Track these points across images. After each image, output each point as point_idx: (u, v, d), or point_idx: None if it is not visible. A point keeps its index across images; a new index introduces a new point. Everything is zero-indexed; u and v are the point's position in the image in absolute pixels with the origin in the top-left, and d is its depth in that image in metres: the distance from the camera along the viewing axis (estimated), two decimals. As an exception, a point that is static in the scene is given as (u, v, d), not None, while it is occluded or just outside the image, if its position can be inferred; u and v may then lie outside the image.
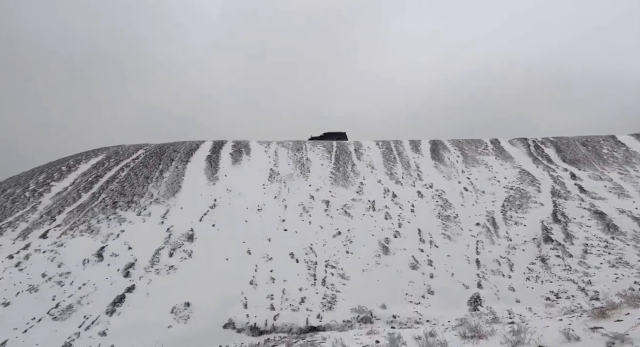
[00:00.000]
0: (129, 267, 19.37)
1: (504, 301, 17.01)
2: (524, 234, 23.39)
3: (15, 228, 22.68)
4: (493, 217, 25.73)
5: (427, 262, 20.59)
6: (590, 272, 18.69)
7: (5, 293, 16.70)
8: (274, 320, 16.58)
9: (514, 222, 24.74)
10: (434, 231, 23.68)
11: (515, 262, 20.79)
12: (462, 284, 18.75)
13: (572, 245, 21.50)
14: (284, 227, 24.42)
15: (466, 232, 24.01)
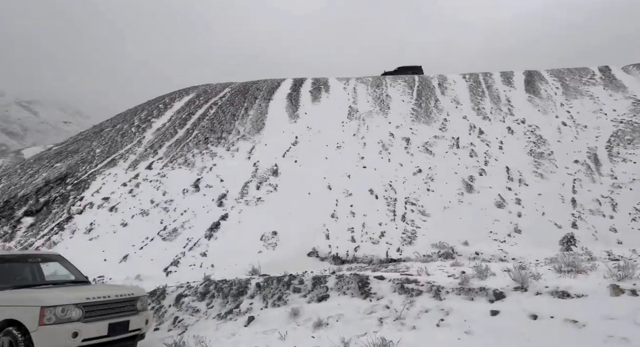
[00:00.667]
0: (222, 198, 21.06)
1: (602, 242, 15.91)
2: (632, 172, 21.05)
3: (126, 160, 25.54)
4: (595, 154, 23.34)
5: (514, 201, 19.68)
6: None
7: (123, 215, 19.27)
8: (355, 251, 17.31)
9: (621, 159, 22.27)
10: (525, 169, 22.24)
11: (619, 202, 18.99)
12: (554, 224, 17.76)
13: None
14: (363, 164, 24.59)
15: (561, 170, 22.23)
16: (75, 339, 4.93)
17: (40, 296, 5.12)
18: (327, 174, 23.47)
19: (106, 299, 5.42)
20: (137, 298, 5.91)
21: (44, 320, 4.83)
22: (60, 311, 4.95)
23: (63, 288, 5.83)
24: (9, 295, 5.36)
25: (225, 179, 22.74)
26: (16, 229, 19.26)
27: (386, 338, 5.07)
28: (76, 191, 21.90)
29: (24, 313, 4.96)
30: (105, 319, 5.28)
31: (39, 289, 5.65)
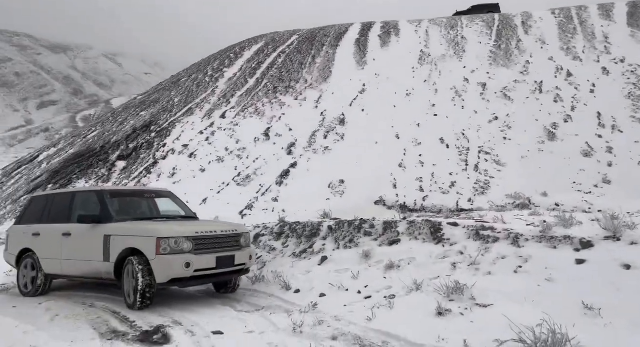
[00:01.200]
0: (291, 147, 21.53)
1: None
2: None
3: (202, 109, 26.77)
4: None
5: (605, 149, 17.90)
6: None
7: (201, 161, 20.54)
8: (423, 201, 17.09)
9: None
10: (620, 114, 19.94)
11: None
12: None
13: None
14: (434, 112, 23.59)
15: (667, 116, 19.68)
16: (188, 269, 5.32)
17: (156, 228, 5.55)
18: (395, 122, 22.90)
19: (213, 234, 5.77)
20: (241, 234, 6.21)
21: (160, 250, 5.26)
22: (173, 243, 5.34)
23: (175, 222, 6.29)
24: (130, 226, 5.87)
25: (293, 128, 23.10)
26: (112, 172, 21.40)
27: (460, 281, 5.07)
28: (159, 138, 23.59)
29: (144, 243, 5.42)
30: (213, 252, 5.64)
31: (155, 222, 6.15)
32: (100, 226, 6.00)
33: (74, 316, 5.45)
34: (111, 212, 6.14)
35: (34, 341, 4.56)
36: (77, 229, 6.27)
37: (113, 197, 6.49)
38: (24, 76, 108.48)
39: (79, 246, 6.23)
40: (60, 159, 27.03)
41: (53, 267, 6.60)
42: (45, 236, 6.76)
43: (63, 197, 7.08)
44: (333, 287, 6.12)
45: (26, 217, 7.39)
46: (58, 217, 6.75)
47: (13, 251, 7.31)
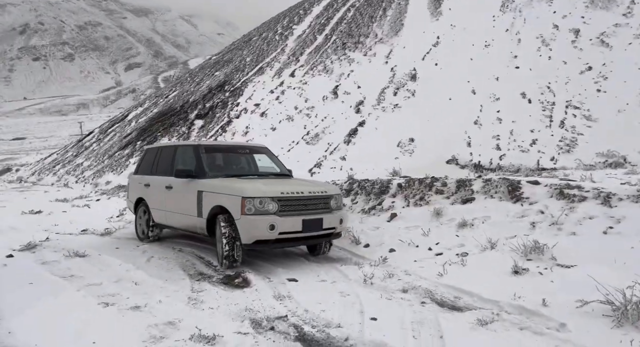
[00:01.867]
0: (359, 105, 21.22)
1: None
2: None
3: (272, 68, 27.10)
4: None
5: None
6: None
7: (272, 120, 21.04)
8: (500, 159, 16.17)
9: None
10: None
11: None
12: None
13: None
14: (515, 64, 21.71)
15: None
16: (273, 231, 5.04)
17: (242, 187, 5.24)
18: (471, 77, 21.48)
19: (299, 195, 5.36)
20: (331, 196, 5.72)
21: (245, 210, 5.03)
22: (258, 203, 5.05)
23: (264, 180, 5.94)
24: (219, 183, 5.64)
25: (362, 86, 22.64)
26: (191, 130, 22.76)
27: (539, 241, 4.84)
28: (233, 97, 24.43)
29: (230, 202, 5.21)
30: (299, 214, 5.28)
31: (243, 180, 5.82)
32: (195, 181, 5.90)
33: (166, 259, 6.07)
34: (205, 168, 6.00)
35: (135, 277, 5.18)
36: (176, 183, 6.28)
37: (208, 152, 6.35)
38: (112, 40, 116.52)
39: (178, 200, 6.25)
40: (146, 118, 29.21)
41: (160, 217, 6.82)
42: (153, 187, 6.99)
43: (168, 150, 7.11)
44: (403, 243, 6.12)
45: (141, 168, 7.67)
46: (164, 169, 6.84)
47: (131, 198, 7.73)
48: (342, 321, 3.69)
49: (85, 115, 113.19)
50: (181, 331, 3.52)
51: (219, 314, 3.93)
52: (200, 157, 6.15)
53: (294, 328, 3.59)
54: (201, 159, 6.13)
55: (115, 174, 21.21)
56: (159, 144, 8.11)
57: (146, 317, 3.85)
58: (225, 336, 3.34)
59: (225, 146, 7.11)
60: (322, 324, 3.68)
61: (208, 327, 3.51)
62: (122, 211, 11.09)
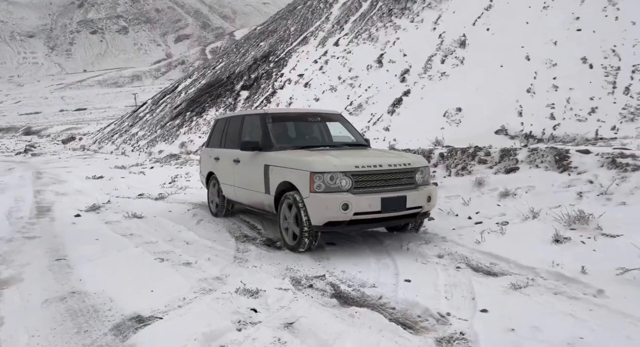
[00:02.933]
0: (405, 74, 20.69)
1: None
2: None
3: (316, 37, 26.83)
4: None
5: None
6: None
7: (315, 91, 21.04)
8: (553, 129, 15.37)
9: None
10: None
11: None
12: None
13: None
14: (576, 26, 20.13)
15: None
16: (347, 211, 4.32)
17: (310, 160, 4.57)
18: (525, 41, 20.22)
19: (377, 169, 4.56)
20: (416, 169, 4.83)
21: (314, 187, 4.39)
22: (329, 179, 4.38)
23: (337, 152, 5.15)
24: (286, 156, 4.98)
25: (408, 54, 21.97)
26: (237, 101, 23.28)
27: (585, 211, 4.72)
28: (277, 68, 24.56)
29: (298, 178, 4.59)
30: (378, 192, 4.51)
31: (312, 152, 5.08)
32: (262, 154, 5.31)
33: (214, 222, 6.49)
34: (272, 139, 5.36)
35: (186, 237, 5.62)
36: (243, 156, 5.74)
37: (275, 122, 5.67)
38: (162, 12, 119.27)
39: (245, 175, 5.72)
40: (194, 89, 30.13)
41: (229, 192, 6.38)
42: (222, 161, 6.51)
43: (236, 121, 6.51)
44: (442, 212, 6.14)
45: (212, 140, 7.17)
46: (232, 142, 6.31)
47: (203, 172, 7.40)
48: (377, 282, 3.86)
49: (138, 87, 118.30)
50: (228, 285, 3.84)
51: (261, 272, 4.22)
52: (267, 127, 5.50)
53: (331, 286, 3.81)
54: (268, 129, 5.48)
55: (167, 143, 22.27)
56: (228, 114, 7.51)
57: (196, 272, 4.22)
58: (267, 291, 3.61)
59: (294, 114, 6.39)
60: (357, 284, 3.86)
61: (252, 282, 3.80)
62: (174, 178, 11.77)
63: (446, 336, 2.79)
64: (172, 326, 2.96)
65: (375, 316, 3.09)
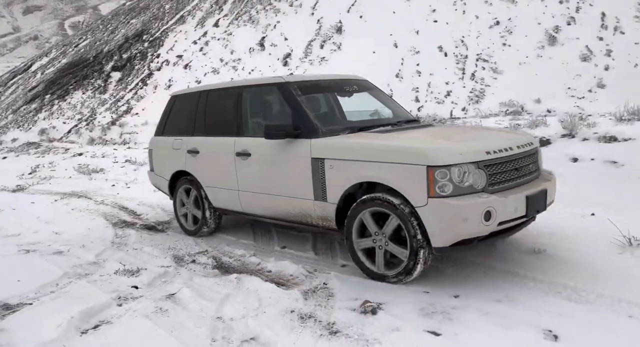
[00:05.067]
0: (287, 57, 21.13)
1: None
2: None
3: (194, 17, 25.68)
4: None
5: (604, 53, 17.53)
6: None
7: (197, 73, 20.40)
8: (418, 111, 17.28)
9: None
10: (624, 14, 19.08)
11: None
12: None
13: None
14: (434, 18, 22.61)
15: (670, 17, 18.93)
16: (489, 222, 2.84)
17: (422, 148, 2.93)
18: (393, 30, 22.12)
19: (511, 154, 3.09)
20: (538, 151, 3.53)
21: (435, 188, 2.81)
22: (458, 175, 2.83)
23: (416, 133, 3.57)
24: (363, 142, 3.33)
25: (289, 38, 22.41)
26: (108, 83, 21.35)
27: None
28: (152, 48, 23.05)
29: (400, 175, 2.96)
30: (517, 188, 3.09)
31: (394, 135, 3.49)
32: (301, 142, 3.59)
33: (88, 211, 6.16)
34: (312, 120, 3.64)
35: (55, 228, 5.30)
36: (260, 147, 3.92)
37: (307, 94, 3.89)
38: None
39: (267, 173, 3.94)
40: (54, 69, 26.67)
41: (225, 200, 4.42)
42: (207, 155, 4.48)
43: (224, 96, 4.45)
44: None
45: (171, 125, 5.01)
46: (222, 126, 4.39)
47: (163, 173, 5.09)
48: (256, 251, 4.21)
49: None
50: (106, 268, 3.82)
51: (142, 254, 4.25)
52: (299, 104, 3.74)
53: (213, 259, 4.04)
54: (301, 105, 3.73)
55: (22, 130, 19.59)
56: (201, 87, 4.99)
57: (70, 259, 4.08)
58: (148, 269, 3.70)
59: (325, 81, 4.37)
60: (238, 255, 4.16)
61: (132, 264, 3.84)
62: (35, 168, 10.59)
63: (312, 287, 3.26)
64: (46, 309, 2.91)
65: (253, 279, 3.42)
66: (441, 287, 3.09)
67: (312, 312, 2.84)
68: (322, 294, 3.12)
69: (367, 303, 2.86)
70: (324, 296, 3.10)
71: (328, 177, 3.45)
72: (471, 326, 2.52)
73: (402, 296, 2.98)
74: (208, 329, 2.68)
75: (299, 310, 2.87)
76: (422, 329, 2.53)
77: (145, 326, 2.68)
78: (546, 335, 2.36)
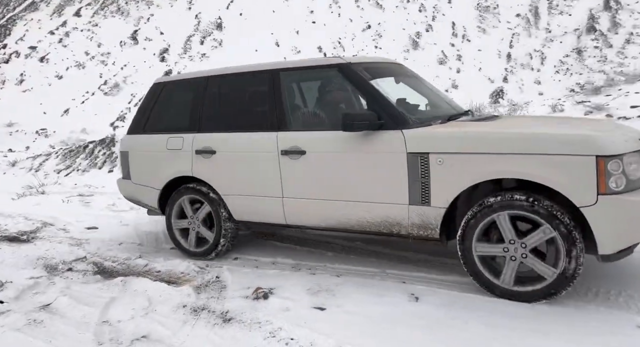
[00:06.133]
0: (164, 53, 20.11)
1: (526, 94, 17.43)
2: (566, 25, 22.04)
3: (48, 4, 22.76)
4: (537, 6, 23.71)
5: (455, 57, 20.32)
6: (626, 63, 18.33)
7: (57, 67, 18.19)
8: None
9: (558, 12, 22.92)
10: (469, 24, 22.37)
11: (548, 55, 20.34)
12: (488, 79, 18.98)
13: (615, 34, 20.43)
14: (312, 19, 23.59)
15: (503, 24, 22.72)
16: None
17: (587, 133, 2.48)
18: (275, 29, 22.49)
19: None
20: None
21: (607, 184, 2.39)
22: (629, 165, 2.46)
23: (498, 122, 3.12)
24: (483, 129, 2.80)
25: (165, 32, 21.32)
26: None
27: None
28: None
29: (551, 168, 2.50)
30: None
31: (513, 121, 3.18)
32: (389, 134, 3.00)
33: None
34: (396, 108, 3.07)
35: None
36: (320, 143, 3.25)
37: (375, 78, 3.27)
38: None
39: (334, 175, 3.23)
40: None
41: (258, 211, 3.61)
42: (231, 156, 3.62)
43: (248, 81, 3.64)
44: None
45: (158, 120, 4.06)
46: (251, 119, 3.58)
47: (149, 182, 4.07)
48: (142, 253, 4.06)
49: None
50: (-41, 288, 3.34)
51: (3, 267, 3.80)
52: (374, 89, 3.15)
53: (94, 265, 3.80)
54: (378, 91, 3.13)
55: None
56: (205, 72, 3.93)
57: None
58: (14, 282, 3.34)
59: (384, 65, 3.71)
60: (122, 258, 3.97)
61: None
62: None
63: (204, 282, 3.31)
64: None
65: (141, 280, 3.33)
66: (325, 269, 3.39)
67: (205, 304, 2.91)
68: (214, 287, 3.20)
69: (259, 290, 3.02)
70: (216, 289, 3.17)
71: (434, 176, 2.82)
72: (351, 297, 2.87)
73: (292, 279, 3.21)
74: (93, 333, 2.57)
75: (192, 304, 2.91)
76: (310, 306, 2.79)
77: (17, 340, 2.46)
78: (410, 297, 2.78)
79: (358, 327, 2.45)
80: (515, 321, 2.36)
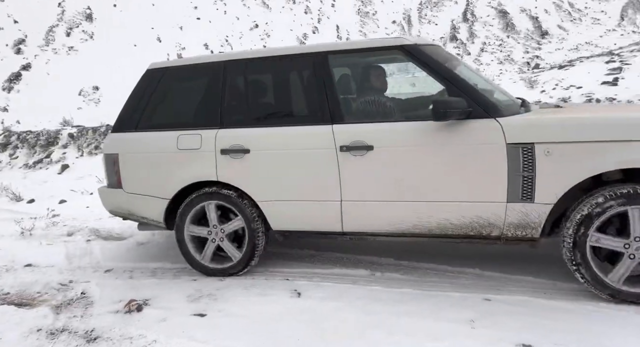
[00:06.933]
0: (20, 44, 17.68)
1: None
2: (434, 33, 24.58)
3: None
4: (409, 15, 26.07)
5: (339, 61, 21.34)
6: (481, 69, 21.02)
7: None
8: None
9: (427, 21, 25.49)
10: (352, 28, 23.67)
11: None
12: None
13: (472, 44, 23.34)
14: (196, 15, 22.74)
15: (382, 30, 24.52)
16: None
17: None
18: (155, 23, 21.16)
19: None
20: None
21: None
22: None
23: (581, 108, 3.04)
24: (600, 114, 2.61)
25: (20, 21, 18.64)
26: None
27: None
28: None
29: None
30: None
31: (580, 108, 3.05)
32: (482, 123, 2.64)
33: None
34: (480, 93, 2.74)
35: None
36: (393, 136, 2.80)
37: (444, 64, 2.87)
38: None
39: (411, 172, 2.81)
40: None
41: (306, 217, 3.09)
42: (271, 155, 3.03)
43: (283, 66, 3.10)
44: (75, 192, 6.06)
45: (159, 114, 3.33)
46: (293, 110, 3.11)
47: (154, 191, 3.30)
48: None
49: None
50: None
51: None
52: (454, 72, 2.80)
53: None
54: (458, 75, 2.79)
55: None
56: (220, 57, 3.18)
57: None
58: None
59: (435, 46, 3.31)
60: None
61: None
62: None
63: (66, 300, 2.96)
64: None
65: (-19, 307, 2.86)
66: (207, 274, 3.28)
67: (65, 325, 2.60)
68: (78, 305, 2.88)
69: (132, 302, 2.80)
70: (81, 306, 2.86)
71: (541, 169, 2.51)
72: (233, 300, 2.81)
73: (170, 287, 3.04)
74: None
75: (49, 327, 2.58)
76: (189, 313, 2.66)
77: None
78: (292, 294, 2.83)
79: (239, 329, 2.42)
80: (390, 306, 2.54)
